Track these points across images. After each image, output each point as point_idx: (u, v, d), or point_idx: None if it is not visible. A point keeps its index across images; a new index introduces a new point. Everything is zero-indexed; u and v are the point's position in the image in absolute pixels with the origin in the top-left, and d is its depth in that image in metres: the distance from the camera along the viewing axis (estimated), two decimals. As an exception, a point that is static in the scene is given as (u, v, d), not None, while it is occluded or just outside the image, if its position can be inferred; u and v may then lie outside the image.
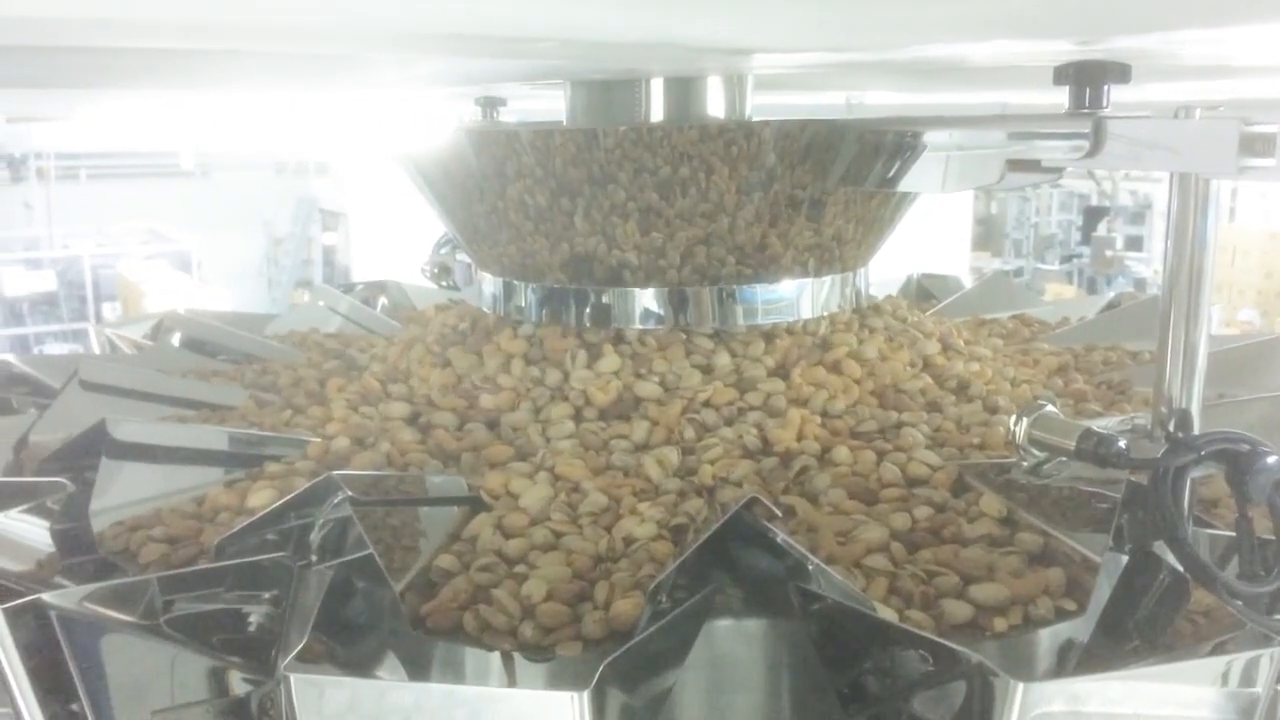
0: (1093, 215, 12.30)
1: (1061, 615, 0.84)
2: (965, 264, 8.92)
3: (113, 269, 11.46)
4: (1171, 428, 0.84)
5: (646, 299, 1.26)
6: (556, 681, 0.81)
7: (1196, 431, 0.85)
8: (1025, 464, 0.93)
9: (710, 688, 0.92)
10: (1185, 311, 0.89)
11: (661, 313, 1.26)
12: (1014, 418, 0.91)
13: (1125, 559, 0.89)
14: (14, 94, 1.54)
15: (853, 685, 0.89)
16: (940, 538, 0.94)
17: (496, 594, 0.88)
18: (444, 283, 1.98)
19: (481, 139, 1.27)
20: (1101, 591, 0.85)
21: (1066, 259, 12.62)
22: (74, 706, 1.06)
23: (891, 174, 1.12)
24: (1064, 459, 0.91)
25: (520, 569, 0.93)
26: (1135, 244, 11.58)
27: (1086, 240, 11.96)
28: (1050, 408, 0.89)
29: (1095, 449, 0.82)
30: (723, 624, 0.91)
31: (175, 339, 1.65)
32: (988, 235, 13.15)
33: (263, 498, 1.02)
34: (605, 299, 1.27)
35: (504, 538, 0.97)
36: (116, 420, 1.08)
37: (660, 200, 1.19)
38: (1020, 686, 0.65)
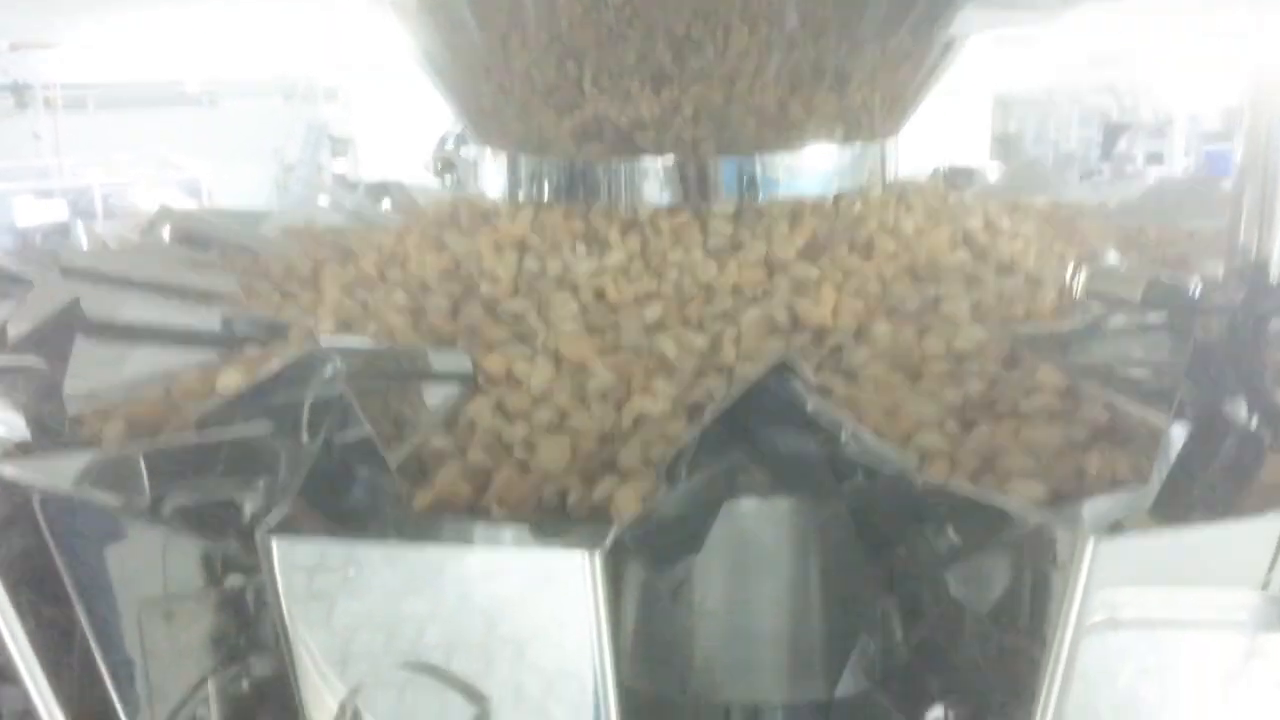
0: (1113, 132, 12.02)
1: (1124, 487, 0.76)
2: (984, 183, 8.75)
3: (123, 198, 11.37)
4: (1249, 278, 0.75)
5: (659, 170, 1.16)
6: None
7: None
8: (1083, 320, 0.84)
9: (733, 571, 0.85)
10: (1263, 162, 0.80)
11: (676, 187, 1.17)
12: (1071, 269, 0.82)
13: (1189, 430, 0.81)
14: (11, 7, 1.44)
15: (890, 563, 0.82)
16: (995, 412, 0.86)
17: (496, 474, 0.81)
18: (448, 178, 1.90)
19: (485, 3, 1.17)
20: (1164, 463, 0.77)
21: (1086, 176, 12.34)
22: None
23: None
24: (1123, 321, 0.82)
25: (521, 450, 0.85)
26: (1156, 160, 11.32)
27: (1107, 157, 11.70)
28: (1113, 258, 0.80)
29: (1165, 297, 0.73)
30: (747, 505, 0.84)
31: (166, 233, 1.57)
32: (1006, 153, 12.90)
33: (230, 380, 0.94)
34: (615, 173, 1.18)
35: (504, 419, 0.89)
36: (91, 297, 1.01)
37: (673, 63, 1.10)
38: (1091, 539, 0.57)
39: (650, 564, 0.71)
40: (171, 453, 0.81)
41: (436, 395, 0.95)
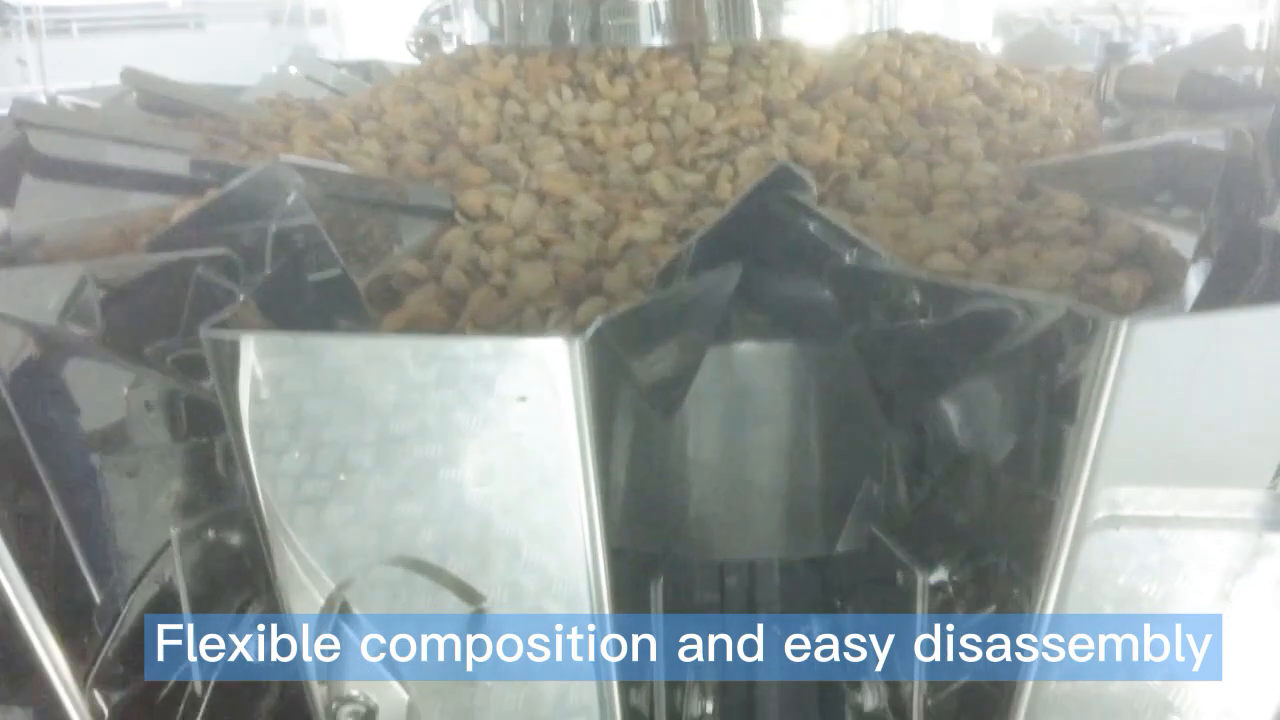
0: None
1: (1154, 306, 0.70)
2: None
3: (110, 124, 11.17)
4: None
5: (650, 9, 1.09)
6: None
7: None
8: (1111, 123, 0.77)
9: (729, 420, 0.80)
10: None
11: (667, 27, 1.09)
12: (1101, 70, 0.75)
13: (1221, 247, 0.75)
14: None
15: (894, 410, 0.77)
16: (1011, 237, 0.79)
17: (472, 296, 0.75)
18: (429, 55, 1.81)
19: None
20: (1196, 280, 0.71)
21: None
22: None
23: None
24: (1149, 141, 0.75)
25: (500, 277, 0.79)
26: (1160, 82, 11.14)
27: (1109, 79, 11.53)
28: (1144, 56, 0.73)
29: (1204, 90, 0.67)
30: (744, 349, 0.78)
31: (133, 99, 1.48)
32: (1007, 77, 12.69)
33: (187, 213, 0.87)
34: (603, 13, 1.10)
35: (482, 248, 0.83)
36: (39, 133, 0.94)
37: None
38: (1123, 324, 0.52)
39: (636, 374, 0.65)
40: (122, 277, 0.74)
41: (411, 234, 0.88)
